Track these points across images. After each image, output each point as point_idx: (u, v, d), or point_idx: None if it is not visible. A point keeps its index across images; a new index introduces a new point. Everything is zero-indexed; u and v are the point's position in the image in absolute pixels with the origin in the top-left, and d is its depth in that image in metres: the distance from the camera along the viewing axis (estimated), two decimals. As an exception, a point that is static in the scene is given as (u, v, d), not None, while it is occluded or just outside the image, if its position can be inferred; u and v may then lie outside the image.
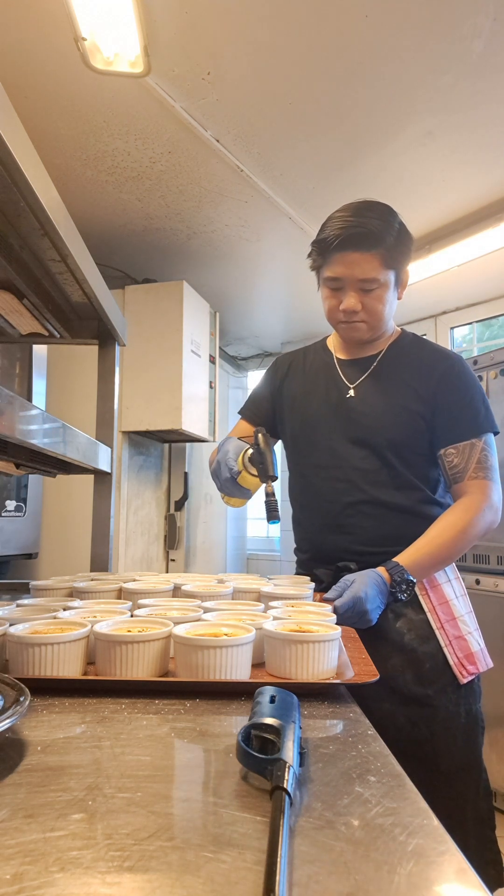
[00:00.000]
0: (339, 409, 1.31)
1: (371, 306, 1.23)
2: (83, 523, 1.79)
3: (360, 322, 1.26)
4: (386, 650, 1.18)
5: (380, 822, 0.43)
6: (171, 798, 0.46)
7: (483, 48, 1.78)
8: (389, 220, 1.21)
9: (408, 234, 1.24)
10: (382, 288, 1.22)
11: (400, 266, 1.24)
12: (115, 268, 3.22)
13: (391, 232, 1.19)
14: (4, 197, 0.98)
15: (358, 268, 1.20)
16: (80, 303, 1.50)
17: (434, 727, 1.15)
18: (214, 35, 1.74)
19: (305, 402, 1.39)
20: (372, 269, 1.19)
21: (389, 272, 1.21)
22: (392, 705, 1.16)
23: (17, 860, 0.37)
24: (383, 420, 1.26)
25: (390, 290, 1.24)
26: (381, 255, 1.19)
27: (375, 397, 1.29)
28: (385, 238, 1.18)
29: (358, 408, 1.29)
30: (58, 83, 1.94)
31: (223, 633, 0.76)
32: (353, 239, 1.19)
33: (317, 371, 1.40)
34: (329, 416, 1.32)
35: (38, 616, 0.85)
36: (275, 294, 3.80)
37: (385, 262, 1.19)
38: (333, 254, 1.22)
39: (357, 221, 1.19)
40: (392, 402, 1.27)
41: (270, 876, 0.34)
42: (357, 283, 1.22)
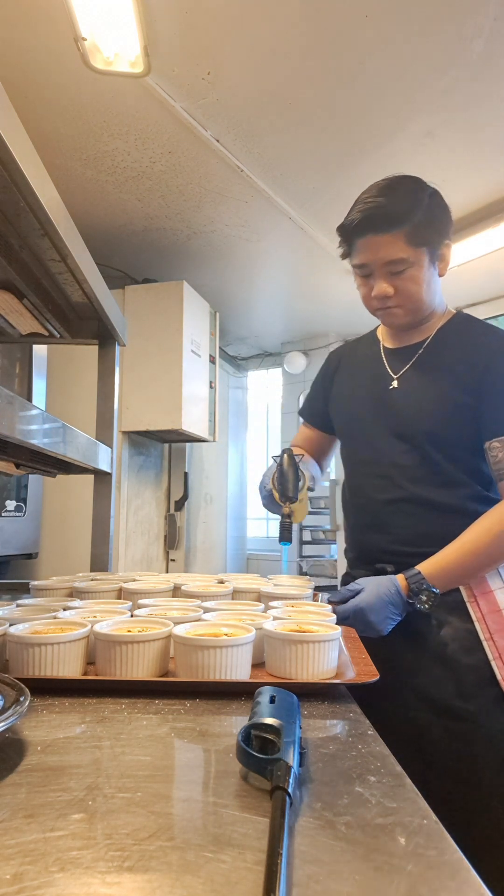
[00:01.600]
0: (382, 401, 1.23)
1: (404, 289, 1.14)
2: (83, 523, 1.79)
3: (395, 307, 1.17)
4: (426, 660, 1.11)
5: (380, 822, 0.43)
6: (171, 798, 0.46)
7: (483, 48, 1.78)
8: (415, 195, 1.12)
9: (440, 206, 1.14)
10: (414, 268, 1.12)
11: (434, 241, 1.13)
12: (115, 268, 3.22)
13: (417, 207, 1.10)
14: (4, 197, 0.98)
15: (382, 250, 1.11)
16: (80, 303, 1.50)
17: (474, 745, 1.06)
18: (214, 35, 1.74)
19: (351, 397, 1.32)
20: (397, 250, 1.10)
21: (420, 250, 1.11)
22: (429, 717, 1.08)
23: (17, 860, 0.37)
24: (423, 412, 1.17)
25: (425, 269, 1.13)
26: (405, 233, 1.09)
27: (418, 388, 1.19)
28: (409, 215, 1.09)
29: (400, 400, 1.21)
30: (58, 83, 1.94)
31: (223, 633, 0.76)
32: (374, 221, 1.10)
33: (363, 363, 1.33)
34: (372, 409, 1.25)
35: (38, 616, 0.85)
36: (275, 294, 3.80)
37: (412, 240, 1.10)
38: (356, 239, 1.15)
39: (376, 202, 1.11)
40: (434, 392, 1.17)
41: (270, 876, 0.34)
42: (384, 267, 1.13)
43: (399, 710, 1.11)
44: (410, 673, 1.12)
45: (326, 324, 4.26)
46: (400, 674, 1.12)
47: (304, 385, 4.51)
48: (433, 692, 1.09)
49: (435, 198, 1.14)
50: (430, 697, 1.09)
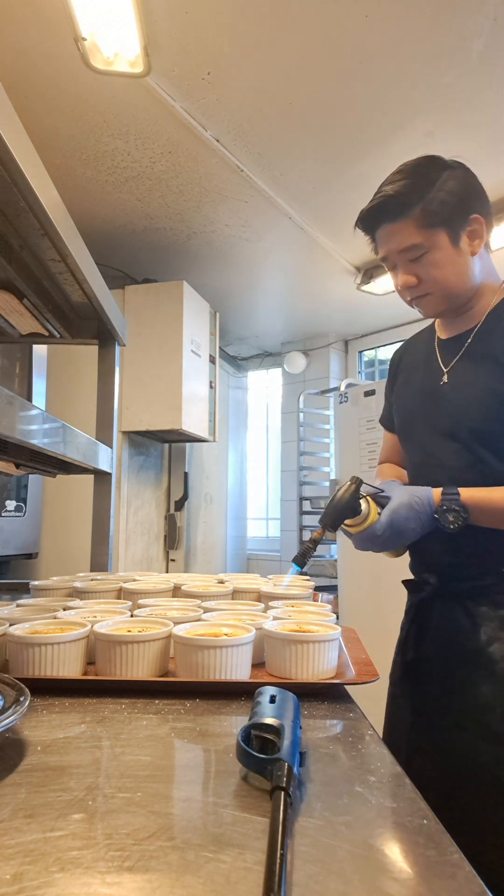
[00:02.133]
0: (433, 398, 1.14)
1: (426, 275, 1.06)
2: (83, 523, 1.79)
3: (424, 296, 1.09)
4: (475, 677, 1.02)
5: (379, 822, 0.43)
6: (171, 798, 0.46)
7: (483, 48, 1.78)
8: (424, 174, 1.05)
9: (460, 180, 1.06)
10: (434, 251, 1.04)
11: (453, 219, 1.04)
12: (115, 268, 3.22)
13: (426, 188, 1.03)
14: (4, 197, 0.98)
15: (395, 239, 1.05)
16: (80, 303, 1.50)
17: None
18: (214, 35, 1.74)
19: (405, 395, 1.24)
20: (408, 237, 1.04)
21: (435, 231, 1.03)
22: (476, 740, 1.00)
23: (17, 860, 0.37)
24: (469, 408, 1.07)
25: (446, 250, 1.04)
26: (415, 217, 1.03)
27: (466, 381, 1.10)
28: (416, 198, 1.03)
29: (449, 395, 1.11)
30: (58, 83, 1.94)
31: (223, 633, 0.76)
32: (382, 210, 1.06)
33: (419, 357, 1.24)
34: (422, 408, 1.17)
35: (38, 616, 0.85)
36: (275, 294, 3.80)
37: (424, 223, 1.03)
38: (375, 232, 1.10)
39: (384, 191, 1.05)
40: (481, 385, 1.06)
41: (270, 876, 0.34)
42: (400, 256, 1.06)
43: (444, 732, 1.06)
44: (461, 690, 1.05)
45: (326, 324, 4.26)
46: (450, 690, 1.06)
47: (304, 385, 4.51)
48: (479, 713, 1.01)
49: (456, 171, 1.07)
50: (476, 718, 1.01)
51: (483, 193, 1.09)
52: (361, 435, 2.94)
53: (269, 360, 4.97)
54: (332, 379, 4.41)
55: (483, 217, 1.07)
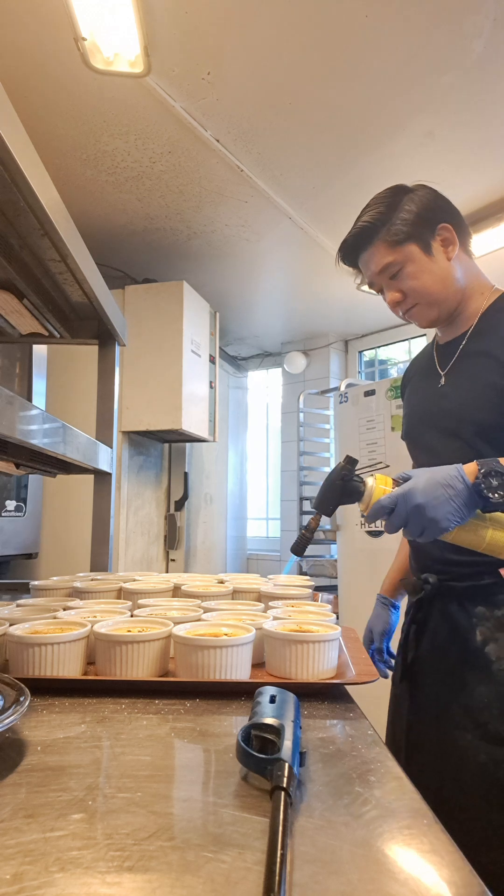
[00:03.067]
0: (433, 400, 1.19)
1: (408, 287, 1.13)
2: (83, 523, 1.79)
3: (412, 308, 1.16)
4: (473, 678, 1.03)
5: (379, 822, 0.43)
6: (171, 798, 0.46)
7: (483, 48, 1.78)
8: (388, 202, 1.13)
9: (423, 199, 1.14)
10: (408, 264, 1.11)
11: (420, 233, 1.11)
12: (115, 268, 3.22)
13: (391, 211, 1.12)
14: (4, 197, 0.98)
15: (372, 263, 1.15)
16: (80, 303, 1.50)
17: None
18: (214, 35, 1.74)
19: (411, 402, 1.28)
20: (381, 257, 1.13)
21: (405, 247, 1.11)
22: (475, 739, 1.01)
23: (17, 860, 0.37)
24: (469, 405, 1.10)
25: (420, 261, 1.11)
26: (383, 239, 1.12)
27: (463, 380, 1.14)
28: (380, 223, 1.12)
29: (448, 395, 1.15)
30: (58, 83, 1.94)
31: (223, 633, 0.76)
32: (354, 244, 1.17)
33: (422, 365, 1.30)
34: (425, 410, 1.20)
35: (38, 616, 0.85)
36: (275, 294, 3.80)
37: (392, 243, 1.11)
38: (355, 264, 1.21)
39: (355, 226, 1.16)
40: (478, 381, 1.10)
41: (270, 876, 0.34)
42: (382, 277, 1.15)
43: (442, 726, 1.06)
44: (459, 690, 1.05)
45: (326, 324, 4.26)
46: (448, 689, 1.07)
47: (304, 385, 4.51)
48: (477, 713, 1.02)
49: (417, 193, 1.14)
50: (475, 718, 1.02)
51: (448, 205, 1.16)
52: (361, 435, 2.94)
53: (269, 360, 4.97)
54: (332, 379, 4.41)
55: (451, 225, 1.13)
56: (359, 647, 0.91)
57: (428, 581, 1.12)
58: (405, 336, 4.12)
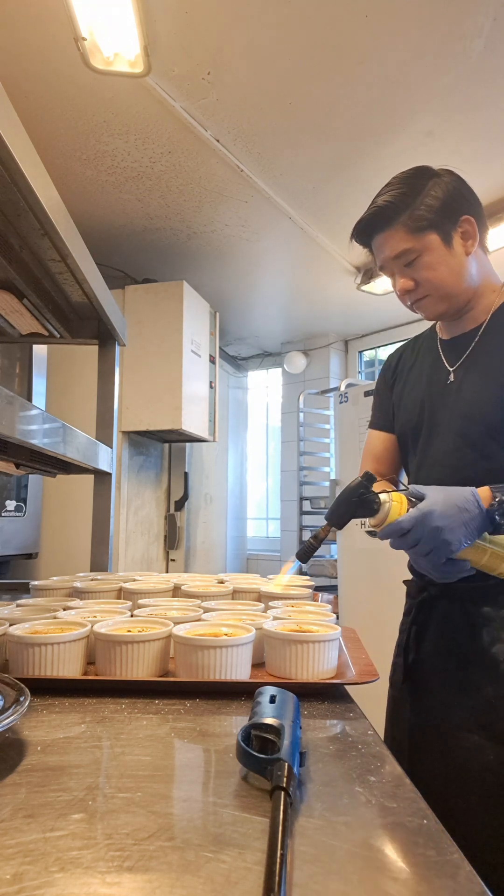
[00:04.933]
0: (441, 398, 1.14)
1: (422, 278, 1.08)
2: (83, 523, 1.79)
3: (423, 298, 1.11)
4: (478, 678, 1.02)
5: (380, 822, 0.43)
6: (171, 798, 0.46)
7: (483, 48, 1.78)
8: (412, 184, 1.08)
9: (448, 185, 1.08)
10: (426, 255, 1.07)
11: (442, 222, 1.06)
12: (115, 268, 3.22)
13: (416, 193, 1.07)
14: (4, 197, 0.98)
15: (387, 247, 1.09)
16: (80, 303, 1.50)
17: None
18: (214, 35, 1.74)
19: (410, 397, 1.23)
20: (400, 242, 1.07)
21: (426, 235, 1.06)
22: (481, 740, 1.00)
23: (17, 860, 0.37)
24: (482, 405, 1.06)
25: (439, 252, 1.07)
26: (404, 224, 1.07)
27: (475, 379, 1.10)
28: (403, 205, 1.06)
29: (458, 394, 1.11)
30: (58, 83, 1.94)
31: (223, 633, 0.76)
32: (372, 221, 1.10)
33: (422, 360, 1.25)
34: (431, 407, 1.16)
35: (38, 616, 0.85)
36: (275, 294, 3.80)
37: (413, 228, 1.06)
38: (369, 243, 1.14)
39: (375, 203, 1.09)
40: (491, 382, 1.06)
41: (270, 876, 0.34)
42: (395, 262, 1.09)
43: (446, 727, 1.06)
44: (463, 691, 1.05)
45: (326, 324, 4.26)
46: (452, 690, 1.06)
47: (304, 385, 4.51)
48: (483, 714, 1.01)
49: (443, 178, 1.09)
50: (480, 719, 1.01)
51: (473, 196, 1.10)
52: (361, 435, 2.94)
53: (269, 360, 4.97)
54: (332, 379, 4.41)
55: (474, 219, 1.08)
56: (359, 647, 0.91)
57: (432, 583, 1.10)
58: (405, 336, 4.13)
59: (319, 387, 4.37)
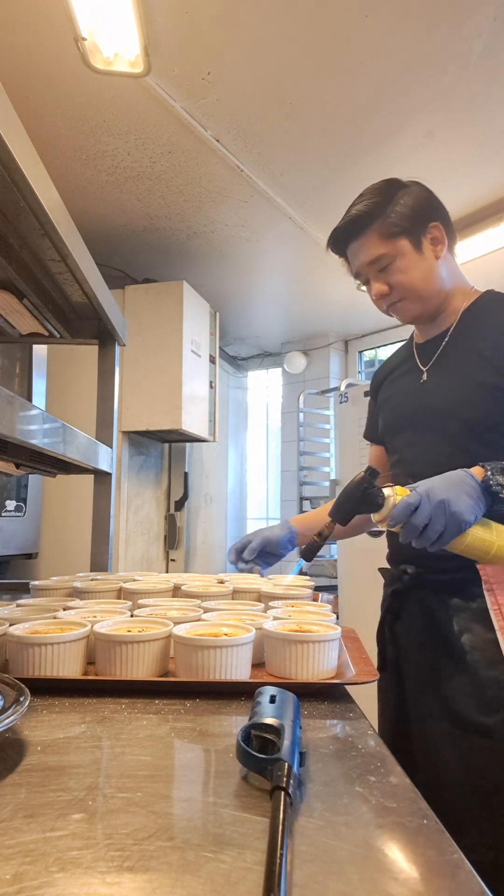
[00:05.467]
0: (416, 397, 1.19)
1: (396, 282, 1.14)
2: (83, 523, 1.79)
3: (398, 302, 1.16)
4: (448, 667, 1.06)
5: (379, 822, 0.43)
6: (171, 798, 0.46)
7: (483, 48, 1.78)
8: (383, 194, 1.14)
9: (416, 195, 1.15)
10: (399, 259, 1.12)
11: (412, 228, 1.12)
12: (115, 268, 3.22)
13: (386, 203, 1.13)
14: (4, 197, 0.98)
15: (362, 254, 1.15)
16: (80, 303, 1.50)
17: (492, 761, 0.99)
18: (214, 35, 1.74)
19: (391, 399, 1.28)
20: (374, 248, 1.13)
21: (397, 241, 1.12)
22: (452, 727, 1.03)
23: (17, 860, 0.37)
24: (456, 401, 1.11)
25: (411, 256, 1.13)
26: (376, 231, 1.13)
27: (449, 377, 1.15)
28: (377, 213, 1.12)
29: (432, 391, 1.16)
30: (58, 83, 1.94)
31: (223, 633, 0.76)
32: (347, 230, 1.16)
33: (400, 364, 1.30)
34: (407, 406, 1.21)
35: (38, 616, 0.85)
36: (275, 294, 3.80)
37: (386, 234, 1.12)
38: (344, 252, 1.20)
39: (348, 214, 1.16)
40: (465, 378, 1.11)
41: (270, 876, 0.34)
42: (370, 267, 1.15)
43: (422, 716, 1.09)
44: (435, 679, 1.07)
45: (326, 324, 4.26)
46: (425, 678, 1.09)
47: (304, 385, 4.51)
48: (454, 703, 1.04)
49: (412, 189, 1.15)
50: (450, 707, 1.04)
51: (440, 206, 1.17)
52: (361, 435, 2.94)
53: (269, 360, 4.97)
54: (332, 379, 4.41)
55: (442, 225, 1.15)
56: (359, 647, 0.91)
57: (406, 572, 1.14)
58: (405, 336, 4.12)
59: (319, 387, 4.37)
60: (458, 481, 0.92)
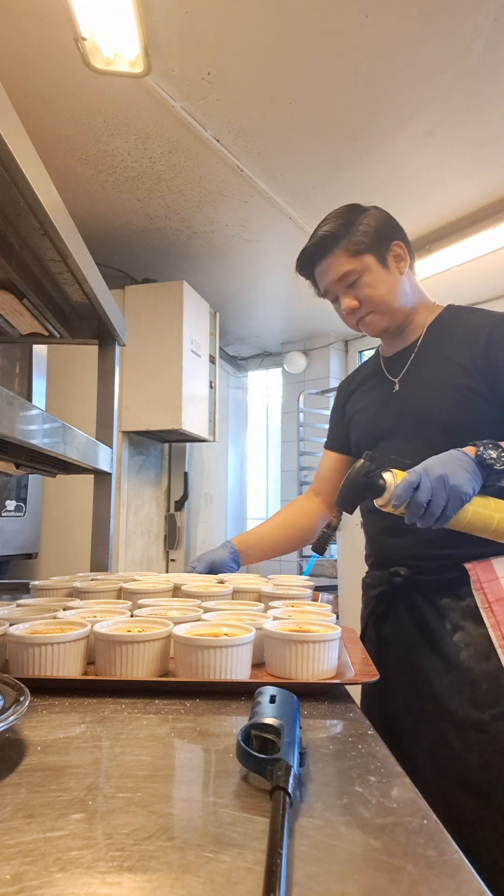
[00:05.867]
0: (389, 406, 1.24)
1: (364, 296, 1.20)
2: (83, 523, 1.79)
3: (367, 316, 1.22)
4: (440, 666, 1.08)
5: (379, 822, 0.43)
6: (171, 798, 0.46)
7: (483, 48, 1.78)
8: (346, 216, 1.22)
9: (378, 217, 1.23)
10: (366, 275, 1.19)
11: (377, 246, 1.20)
12: (115, 268, 3.22)
13: (351, 224, 1.20)
14: (4, 197, 0.98)
15: (331, 271, 1.22)
16: (80, 303, 1.50)
17: (488, 756, 1.01)
18: (214, 35, 1.74)
19: (362, 412, 1.34)
20: (340, 266, 1.20)
21: (364, 258, 1.19)
22: (446, 726, 1.05)
23: (17, 860, 0.37)
24: (431, 405, 1.16)
25: (377, 271, 1.20)
26: (343, 249, 1.20)
27: (422, 384, 1.20)
28: (342, 233, 1.20)
29: (405, 399, 1.21)
30: (58, 83, 1.94)
31: (223, 633, 0.76)
32: (315, 250, 1.24)
33: (369, 377, 1.37)
34: (382, 417, 1.25)
35: (38, 616, 0.85)
36: (275, 294, 3.80)
37: (352, 252, 1.19)
38: (311, 273, 1.28)
39: (314, 237, 1.24)
40: (437, 383, 1.16)
41: (270, 876, 0.34)
42: (339, 284, 1.22)
43: (415, 716, 1.10)
44: (426, 679, 1.09)
45: (326, 324, 4.26)
46: (415, 679, 1.10)
47: (304, 385, 4.51)
48: (447, 700, 1.06)
49: (373, 212, 1.23)
50: (444, 705, 1.06)
51: (399, 226, 1.26)
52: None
53: (269, 360, 4.97)
54: (332, 379, 4.41)
55: (403, 244, 1.23)
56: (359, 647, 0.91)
57: (399, 574, 1.17)
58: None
59: (319, 387, 4.37)
60: (453, 458, 0.96)
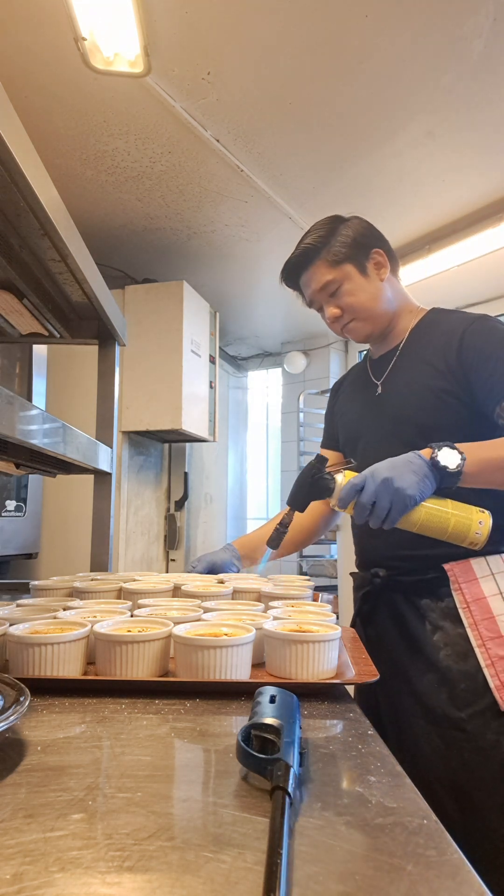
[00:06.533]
0: (372, 408, 1.29)
1: (347, 303, 1.25)
2: (83, 523, 1.79)
3: (350, 322, 1.27)
4: (421, 665, 1.11)
5: (379, 822, 0.43)
6: (171, 798, 0.46)
7: (483, 48, 1.78)
8: (327, 228, 1.26)
9: (357, 227, 1.27)
10: (346, 282, 1.24)
11: (356, 255, 1.24)
12: (115, 268, 3.22)
13: (330, 236, 1.25)
14: (4, 197, 0.98)
15: (313, 282, 1.26)
16: (80, 303, 1.50)
17: (466, 755, 1.03)
18: (214, 35, 1.74)
19: (347, 413, 1.39)
20: (323, 275, 1.24)
21: (344, 267, 1.24)
22: (427, 724, 1.08)
23: (17, 860, 0.37)
24: (408, 407, 1.20)
25: (357, 279, 1.24)
26: (323, 260, 1.24)
27: (401, 387, 1.24)
28: (322, 244, 1.24)
29: (387, 401, 1.26)
30: (58, 83, 1.94)
31: (223, 633, 0.76)
32: (297, 263, 1.28)
33: (356, 379, 1.42)
34: (365, 418, 1.30)
35: (38, 616, 0.85)
36: (275, 294, 3.80)
37: (332, 262, 1.24)
38: (296, 284, 1.32)
39: (296, 250, 1.28)
40: (415, 386, 1.20)
41: (270, 876, 0.34)
42: (322, 293, 1.26)
43: (397, 715, 1.12)
44: (407, 678, 1.12)
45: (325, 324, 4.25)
46: (398, 679, 1.13)
47: (304, 385, 4.51)
48: (427, 699, 1.08)
49: (353, 222, 1.28)
50: (424, 704, 1.08)
51: (379, 234, 1.30)
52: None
53: (269, 360, 4.96)
54: (332, 379, 4.41)
55: (383, 251, 1.27)
56: (359, 647, 0.91)
57: (378, 575, 1.19)
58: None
59: (319, 387, 4.37)
60: (403, 462, 0.99)
